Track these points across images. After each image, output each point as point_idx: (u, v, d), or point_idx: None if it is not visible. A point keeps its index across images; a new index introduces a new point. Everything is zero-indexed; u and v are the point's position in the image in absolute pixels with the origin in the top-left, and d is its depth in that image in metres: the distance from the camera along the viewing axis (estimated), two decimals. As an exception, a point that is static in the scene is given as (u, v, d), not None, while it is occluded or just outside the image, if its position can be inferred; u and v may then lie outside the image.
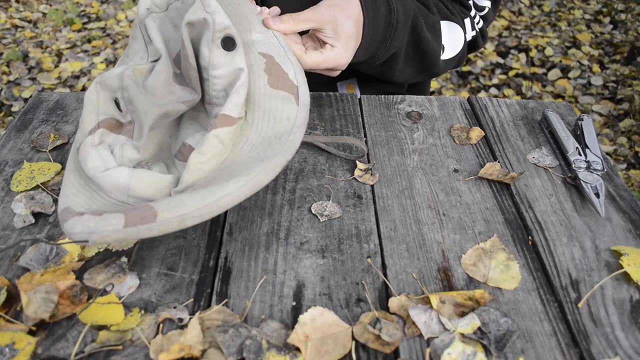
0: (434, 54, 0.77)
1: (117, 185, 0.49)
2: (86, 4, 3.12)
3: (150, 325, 0.45)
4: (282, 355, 0.42)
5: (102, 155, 0.50)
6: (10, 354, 0.42)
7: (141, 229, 0.44)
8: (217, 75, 0.52)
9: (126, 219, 0.44)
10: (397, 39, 0.70)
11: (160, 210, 0.45)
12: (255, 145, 0.52)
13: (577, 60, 2.58)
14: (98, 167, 0.49)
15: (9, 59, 2.55)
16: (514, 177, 0.62)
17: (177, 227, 0.45)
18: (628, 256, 0.52)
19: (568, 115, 0.75)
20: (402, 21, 0.69)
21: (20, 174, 0.62)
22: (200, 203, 0.45)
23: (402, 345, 0.45)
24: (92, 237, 0.44)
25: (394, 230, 0.56)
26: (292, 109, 0.54)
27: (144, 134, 0.53)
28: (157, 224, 0.44)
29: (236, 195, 0.46)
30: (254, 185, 0.47)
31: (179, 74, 0.54)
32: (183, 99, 0.53)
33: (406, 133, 0.71)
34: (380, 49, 0.70)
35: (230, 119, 0.51)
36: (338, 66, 0.65)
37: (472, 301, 0.48)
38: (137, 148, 0.53)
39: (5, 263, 0.51)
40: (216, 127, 0.50)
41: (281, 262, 0.52)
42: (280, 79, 0.55)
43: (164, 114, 0.52)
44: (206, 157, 0.50)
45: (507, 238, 0.55)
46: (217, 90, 0.53)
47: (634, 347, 0.45)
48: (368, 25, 0.65)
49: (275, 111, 0.53)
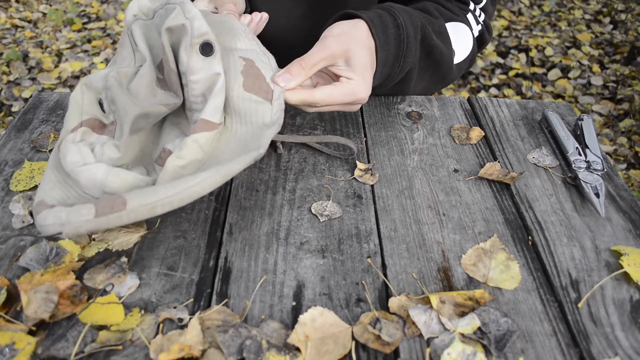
0: (447, 61, 0.73)
1: (94, 181, 0.49)
2: (86, 4, 3.12)
3: (150, 325, 0.45)
4: (282, 355, 0.42)
5: (82, 151, 0.50)
6: (10, 354, 0.42)
7: (111, 218, 0.45)
8: (194, 80, 0.52)
9: (96, 208, 0.45)
10: (410, 55, 0.66)
11: (129, 199, 0.45)
12: (235, 150, 0.52)
13: (577, 60, 2.58)
14: (77, 162, 0.49)
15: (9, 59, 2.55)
16: (514, 177, 0.62)
17: (147, 215, 0.45)
18: (628, 256, 0.52)
19: (568, 115, 0.75)
20: (412, 34, 0.65)
21: (21, 173, 0.62)
22: (171, 191, 0.46)
23: (402, 345, 0.45)
24: (65, 229, 0.44)
25: (394, 230, 0.56)
26: (266, 110, 0.53)
27: (124, 133, 0.53)
28: (127, 212, 0.45)
29: (207, 184, 0.46)
30: (226, 173, 0.47)
31: (162, 79, 0.54)
32: (165, 102, 0.53)
33: (406, 133, 0.71)
34: (395, 69, 0.65)
35: (210, 124, 0.51)
36: (357, 100, 0.59)
37: (472, 301, 0.48)
38: (117, 147, 0.53)
39: (5, 263, 0.51)
40: (195, 132, 0.50)
41: (281, 262, 0.52)
42: (256, 82, 0.54)
43: (145, 114, 0.52)
44: (185, 161, 0.50)
45: (507, 238, 0.55)
46: (195, 96, 0.53)
47: (634, 347, 0.45)
48: (380, 49, 0.61)
49: (250, 115, 0.53)
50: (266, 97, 0.53)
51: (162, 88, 0.55)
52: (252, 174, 0.63)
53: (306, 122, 0.72)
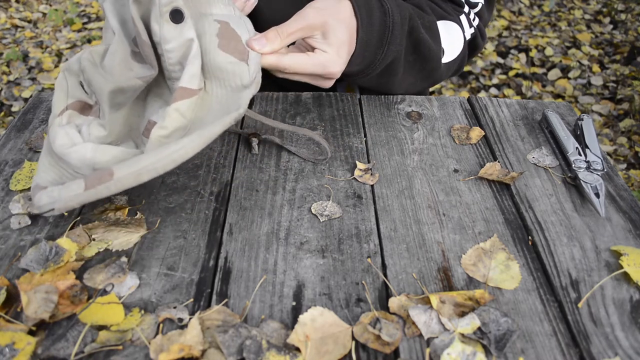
0: (434, 57, 0.72)
1: (84, 160, 0.50)
2: (86, 4, 3.12)
3: (150, 325, 0.45)
4: (282, 355, 0.42)
5: (69, 133, 0.52)
6: (10, 354, 0.42)
7: (100, 189, 0.47)
8: (169, 49, 0.52)
9: (86, 182, 0.47)
10: (395, 43, 0.65)
11: (116, 169, 0.47)
12: (216, 114, 0.52)
13: (577, 60, 2.58)
14: (65, 144, 0.51)
15: (9, 59, 2.55)
16: (514, 177, 0.62)
17: (134, 183, 0.47)
18: (628, 256, 0.52)
19: (568, 115, 0.75)
20: (398, 23, 0.64)
21: (20, 172, 0.62)
22: (154, 158, 0.47)
23: (402, 345, 0.45)
24: (57, 205, 0.47)
25: (394, 230, 0.56)
26: (243, 71, 0.53)
27: (105, 112, 0.54)
28: (114, 182, 0.46)
29: (190, 148, 0.47)
30: (207, 136, 0.48)
31: (138, 52, 0.55)
32: (140, 75, 0.54)
33: (406, 133, 0.71)
34: (378, 56, 0.65)
35: (189, 91, 0.51)
36: (328, 74, 0.59)
37: (472, 301, 0.48)
38: (103, 125, 0.54)
39: (5, 263, 0.51)
40: (176, 101, 0.51)
41: (281, 262, 0.52)
42: (231, 43, 0.53)
43: (119, 89, 0.53)
44: (168, 130, 0.51)
45: (507, 238, 0.55)
46: (172, 64, 0.53)
47: (634, 347, 0.45)
48: (362, 29, 0.60)
49: (228, 77, 0.53)
50: (242, 57, 0.53)
51: (138, 62, 0.55)
52: (252, 174, 0.63)
53: (306, 122, 0.72)
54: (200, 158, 0.66)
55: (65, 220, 0.56)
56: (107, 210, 0.57)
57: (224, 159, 0.66)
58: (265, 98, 0.77)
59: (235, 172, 0.64)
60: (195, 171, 0.64)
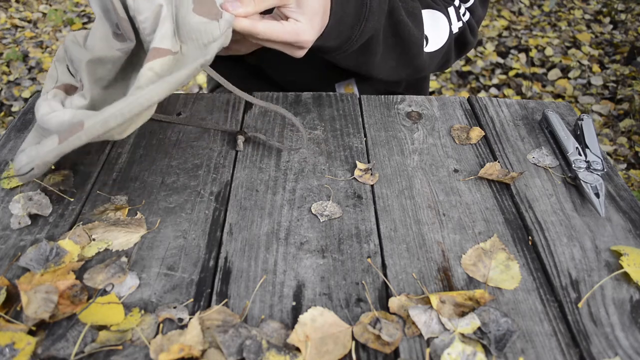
0: (416, 43, 0.72)
1: (62, 122, 0.51)
2: (86, 4, 3.12)
3: (150, 325, 0.45)
4: (282, 355, 0.42)
5: (51, 104, 0.53)
6: (10, 354, 0.42)
7: (71, 140, 0.48)
8: (142, 20, 0.54)
9: (60, 137, 0.48)
10: (373, 20, 0.65)
11: (86, 120, 0.48)
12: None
13: (577, 60, 2.58)
14: (46, 112, 0.52)
15: (9, 59, 2.55)
16: (514, 177, 0.62)
17: (102, 130, 0.48)
18: (628, 256, 0.52)
19: (568, 115, 0.75)
20: (376, 1, 0.65)
21: (9, 173, 0.62)
22: (122, 104, 0.48)
23: (402, 345, 0.45)
24: (36, 162, 0.49)
25: (394, 230, 0.56)
26: (214, 28, 0.54)
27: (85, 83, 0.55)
28: (84, 131, 0.47)
29: (155, 92, 0.48)
30: (172, 81, 0.49)
31: (120, 34, 0.56)
32: (117, 47, 0.56)
33: (406, 133, 0.71)
34: (354, 31, 0.65)
35: (161, 50, 0.52)
36: (299, 42, 0.59)
37: (472, 301, 0.48)
38: (83, 95, 0.55)
39: (5, 263, 0.51)
40: (149, 60, 0.51)
41: (281, 262, 0.52)
42: (205, 5, 0.54)
43: (97, 59, 0.55)
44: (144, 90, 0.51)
45: (507, 238, 0.55)
46: (148, 34, 0.54)
47: (634, 347, 0.45)
48: (336, 3, 0.61)
49: (201, 37, 0.54)
50: (214, 17, 0.54)
51: (120, 41, 0.57)
52: (252, 174, 0.63)
53: (306, 122, 0.72)
54: (200, 158, 0.66)
55: (66, 220, 0.56)
56: (107, 210, 0.57)
57: (224, 159, 0.66)
58: (265, 98, 0.77)
59: (235, 172, 0.64)
60: (195, 171, 0.64)
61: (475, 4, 0.81)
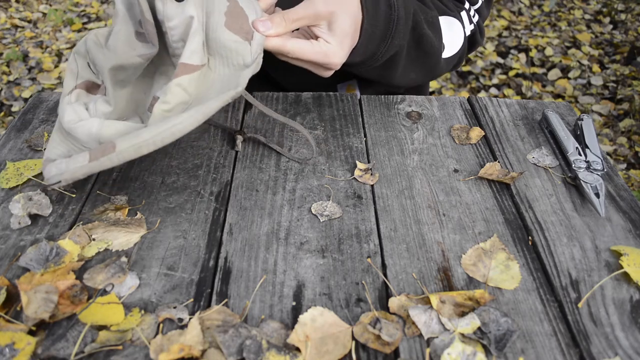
0: (435, 53, 0.73)
1: (90, 134, 0.52)
2: (86, 4, 3.12)
3: (150, 325, 0.45)
4: (282, 355, 0.42)
5: (77, 110, 0.54)
6: (10, 354, 0.42)
7: (102, 160, 0.49)
8: (171, 26, 0.54)
9: (90, 155, 0.50)
10: (398, 37, 0.65)
11: (118, 142, 0.49)
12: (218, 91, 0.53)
13: (577, 60, 2.58)
14: (73, 120, 0.53)
15: (9, 59, 2.55)
16: (514, 177, 0.62)
17: (134, 155, 0.49)
18: (628, 256, 0.52)
19: (568, 115, 0.75)
20: (402, 17, 0.65)
21: (7, 172, 0.62)
22: (154, 131, 0.49)
23: (402, 345, 0.45)
24: (64, 176, 0.51)
25: (394, 230, 0.56)
26: (246, 50, 0.54)
27: (109, 88, 0.56)
28: (116, 154, 0.49)
29: (188, 123, 0.49)
30: (205, 112, 0.49)
31: (142, 32, 0.56)
32: (140, 53, 0.55)
33: (406, 133, 0.71)
34: (380, 48, 0.65)
35: (189, 66, 0.52)
36: (329, 64, 0.60)
37: (472, 301, 0.48)
38: (108, 102, 0.56)
39: (5, 263, 0.51)
40: (177, 76, 0.52)
41: (281, 262, 0.52)
42: (238, 21, 0.54)
43: (119, 65, 0.55)
44: (170, 105, 0.52)
45: (507, 238, 0.55)
46: (175, 42, 0.55)
47: (634, 347, 0.45)
48: (368, 21, 0.61)
49: (231, 56, 0.54)
50: (246, 37, 0.54)
51: (141, 41, 0.57)
52: (252, 174, 0.63)
53: (306, 121, 0.72)
54: (200, 158, 0.66)
55: (65, 220, 0.56)
56: (107, 210, 0.57)
57: (224, 159, 0.66)
58: (266, 98, 0.77)
59: (235, 172, 0.64)
60: (195, 171, 0.64)
61: (482, 6, 0.81)
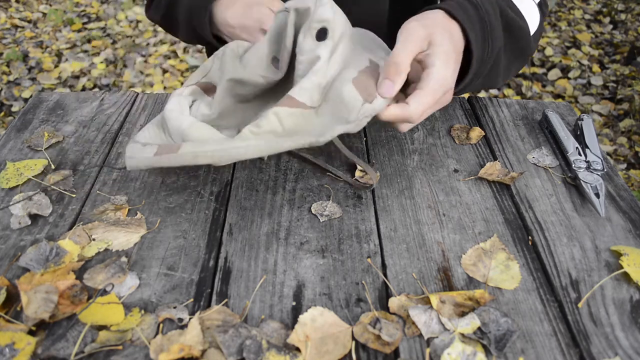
0: (525, 36, 0.65)
1: (178, 128, 0.54)
2: (86, 4, 3.12)
3: (150, 325, 0.45)
4: (282, 355, 0.42)
5: (181, 102, 0.57)
6: (10, 354, 0.42)
7: (164, 158, 0.51)
8: (301, 60, 0.54)
9: (158, 149, 0.52)
10: (495, 34, 0.59)
11: (183, 145, 0.51)
12: None
13: (577, 60, 2.58)
14: (173, 109, 0.56)
15: (9, 59, 2.55)
16: (514, 177, 0.62)
17: (191, 162, 0.50)
18: (628, 256, 0.52)
19: (568, 115, 0.75)
20: (491, 12, 0.59)
21: (7, 172, 0.62)
22: (217, 146, 0.50)
23: (402, 345, 0.45)
24: (129, 162, 0.54)
25: (394, 230, 0.56)
26: (356, 107, 0.52)
27: (218, 95, 0.57)
28: (176, 155, 0.50)
29: (252, 150, 0.49)
30: (273, 145, 0.50)
31: (278, 59, 0.57)
32: (264, 74, 0.56)
33: (406, 133, 0.71)
34: (485, 52, 0.59)
35: (294, 101, 0.52)
36: (447, 88, 0.54)
37: (472, 301, 0.48)
38: (209, 105, 0.58)
39: (5, 263, 0.51)
40: (278, 105, 0.52)
41: (281, 262, 0.52)
42: (367, 83, 0.52)
43: (239, 79, 0.56)
44: (260, 130, 0.51)
45: (507, 238, 0.55)
46: (299, 76, 0.54)
47: (634, 347, 0.45)
48: (470, 30, 0.56)
49: (341, 109, 0.52)
50: (366, 98, 0.52)
51: (274, 65, 0.58)
52: (252, 174, 0.63)
53: (306, 122, 0.72)
54: (200, 158, 0.66)
55: (65, 220, 0.56)
56: (107, 210, 0.57)
57: (224, 159, 0.66)
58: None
59: (235, 172, 0.64)
60: (195, 171, 0.64)
61: None
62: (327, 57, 0.52)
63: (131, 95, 0.77)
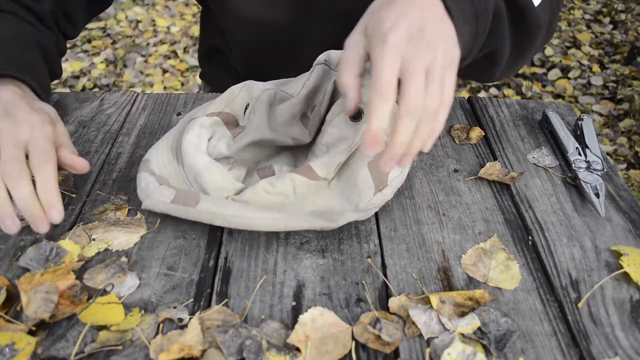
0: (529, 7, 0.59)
1: (192, 167, 0.55)
2: (86, 4, 3.12)
3: (150, 325, 0.45)
4: (282, 355, 0.42)
5: (200, 135, 0.58)
6: (10, 354, 0.42)
7: (180, 209, 0.52)
8: (330, 131, 0.56)
9: (175, 195, 0.53)
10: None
11: (202, 200, 0.52)
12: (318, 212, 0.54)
13: (577, 60, 2.58)
14: (191, 142, 0.57)
15: (9, 59, 2.54)
16: (514, 177, 0.62)
17: (207, 221, 0.51)
18: (628, 256, 0.52)
19: (568, 115, 0.75)
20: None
21: None
22: (235, 213, 0.51)
23: (402, 345, 0.45)
24: (146, 203, 0.53)
25: (394, 230, 0.56)
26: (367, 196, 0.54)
27: (243, 142, 0.60)
28: (194, 210, 0.51)
29: (266, 224, 0.51)
30: (289, 225, 0.51)
31: (307, 117, 0.60)
32: (294, 136, 0.60)
33: (406, 133, 0.71)
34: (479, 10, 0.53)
35: (312, 173, 0.54)
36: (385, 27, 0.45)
37: (472, 301, 0.48)
38: (229, 146, 0.60)
39: (5, 263, 0.51)
40: (297, 173, 0.54)
41: (281, 262, 0.52)
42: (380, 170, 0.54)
43: (272, 140, 0.60)
44: (273, 189, 0.53)
45: (507, 238, 0.55)
46: (322, 144, 0.57)
47: (634, 347, 0.45)
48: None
49: (352, 191, 0.54)
50: (378, 186, 0.54)
51: (303, 123, 0.60)
52: (252, 174, 0.63)
53: (306, 122, 0.72)
54: (200, 158, 0.66)
55: (65, 220, 0.56)
56: (107, 210, 0.57)
57: (224, 159, 0.66)
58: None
59: (235, 172, 0.64)
60: (195, 171, 0.64)
61: None
62: (355, 141, 0.54)
63: (131, 95, 0.77)
